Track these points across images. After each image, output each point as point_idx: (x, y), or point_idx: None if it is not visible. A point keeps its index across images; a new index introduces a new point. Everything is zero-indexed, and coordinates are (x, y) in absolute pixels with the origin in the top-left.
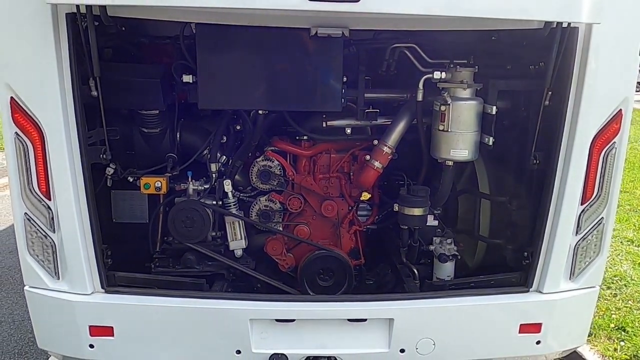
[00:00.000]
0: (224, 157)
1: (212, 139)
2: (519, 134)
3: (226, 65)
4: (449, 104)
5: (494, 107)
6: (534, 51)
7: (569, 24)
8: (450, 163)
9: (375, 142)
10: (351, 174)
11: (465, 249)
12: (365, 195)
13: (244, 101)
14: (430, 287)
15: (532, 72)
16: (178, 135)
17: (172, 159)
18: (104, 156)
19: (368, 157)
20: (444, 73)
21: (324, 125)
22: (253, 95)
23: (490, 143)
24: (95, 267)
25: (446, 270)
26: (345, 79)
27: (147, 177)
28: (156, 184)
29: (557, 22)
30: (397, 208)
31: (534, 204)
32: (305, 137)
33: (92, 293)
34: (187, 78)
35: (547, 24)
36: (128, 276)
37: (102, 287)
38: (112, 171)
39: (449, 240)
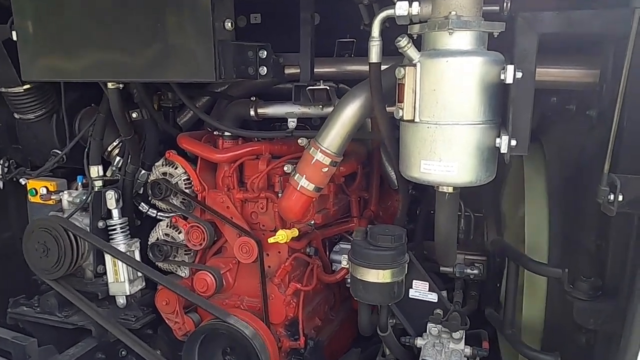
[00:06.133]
0: (118, 158)
1: (92, 130)
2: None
3: (50, 17)
4: (415, 64)
5: (512, 69)
6: None
7: None
8: (448, 189)
9: (302, 141)
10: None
11: (505, 352)
12: (283, 235)
13: (78, 70)
14: None
15: None
16: (77, 125)
17: (55, 157)
18: None
19: (288, 168)
20: (415, 4)
21: (253, 113)
22: (90, 61)
23: (505, 149)
24: None
25: None
26: (230, 24)
27: (34, 181)
28: (41, 190)
29: None
30: (345, 263)
31: (609, 289)
32: (226, 133)
33: None
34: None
35: None
36: None
37: None
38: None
39: (456, 335)
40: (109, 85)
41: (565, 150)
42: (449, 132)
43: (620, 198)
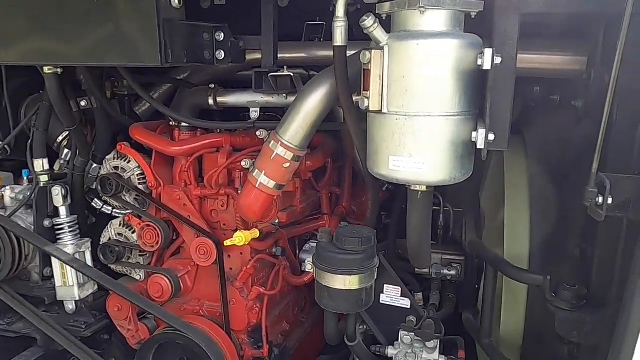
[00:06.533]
0: (67, 151)
1: (35, 121)
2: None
3: None
4: (383, 47)
5: (490, 53)
6: None
7: None
8: (420, 188)
9: (261, 133)
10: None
11: None
12: (241, 238)
13: (11, 53)
14: None
15: None
16: (23, 114)
17: None
18: None
19: (246, 163)
20: None
21: (212, 102)
22: (23, 43)
23: (481, 144)
24: None
25: None
26: (177, 1)
27: None
28: None
29: None
30: (310, 268)
31: (594, 298)
32: (183, 124)
33: None
34: None
35: None
36: None
37: None
38: None
39: (430, 344)
40: (45, 69)
41: (548, 145)
42: (419, 125)
43: (610, 200)
